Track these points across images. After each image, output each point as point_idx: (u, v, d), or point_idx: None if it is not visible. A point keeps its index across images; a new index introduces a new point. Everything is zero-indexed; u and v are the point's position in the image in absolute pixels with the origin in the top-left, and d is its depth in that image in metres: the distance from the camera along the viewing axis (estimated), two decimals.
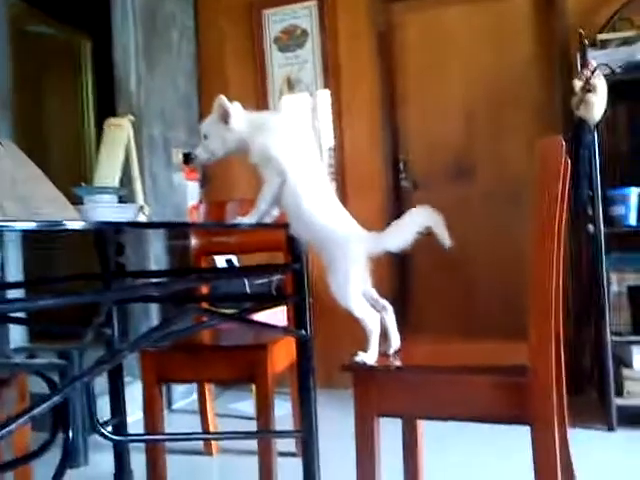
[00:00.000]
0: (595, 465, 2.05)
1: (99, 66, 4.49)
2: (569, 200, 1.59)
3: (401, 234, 1.45)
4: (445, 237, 1.41)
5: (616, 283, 2.63)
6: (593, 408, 2.63)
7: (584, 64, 2.50)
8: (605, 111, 2.44)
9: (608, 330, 2.49)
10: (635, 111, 2.84)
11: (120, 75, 3.08)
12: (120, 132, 1.89)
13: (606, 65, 2.54)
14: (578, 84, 2.45)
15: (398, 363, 1.49)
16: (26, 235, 3.15)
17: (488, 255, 3.10)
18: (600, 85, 2.41)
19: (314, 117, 3.39)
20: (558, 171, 1.29)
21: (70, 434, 1.40)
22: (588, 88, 2.42)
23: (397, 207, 3.26)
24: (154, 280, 2.16)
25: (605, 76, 2.45)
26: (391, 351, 1.51)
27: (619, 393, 2.52)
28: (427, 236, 1.42)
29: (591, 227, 2.56)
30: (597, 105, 2.41)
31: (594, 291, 2.63)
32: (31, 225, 1.06)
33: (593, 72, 2.42)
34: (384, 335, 1.51)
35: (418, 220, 1.44)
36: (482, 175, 3.20)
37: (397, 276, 3.23)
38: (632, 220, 2.56)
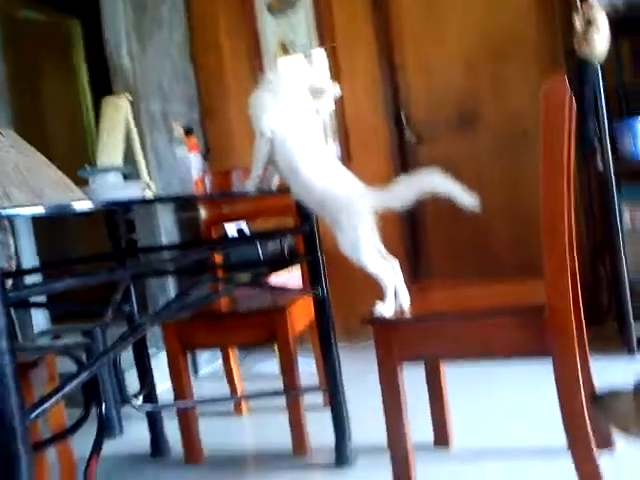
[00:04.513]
0: None
1: (91, 47, 4.44)
2: (576, 139, 1.57)
3: (404, 192, 1.44)
4: (466, 199, 1.38)
5: (629, 218, 2.61)
6: (613, 337, 2.64)
7: (583, 0, 2.43)
8: (608, 48, 2.38)
9: (624, 265, 2.48)
10: (638, 46, 2.77)
11: (112, 54, 3.05)
12: (118, 111, 1.89)
13: (607, 0, 2.47)
14: (578, 21, 2.39)
15: (416, 313, 1.51)
16: (37, 221, 3.18)
17: (499, 200, 3.08)
18: (601, 21, 2.35)
19: (311, 77, 3.34)
20: (563, 107, 1.29)
21: (103, 408, 1.44)
22: (588, 25, 2.36)
23: (403, 163, 3.23)
24: (167, 254, 2.18)
25: (607, 13, 2.38)
26: (401, 308, 1.51)
27: (638, 318, 2.51)
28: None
29: (600, 164, 2.53)
30: (599, 42, 2.36)
31: (607, 227, 2.61)
32: (40, 210, 1.07)
33: (593, 8, 2.36)
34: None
35: (426, 183, 1.41)
36: (487, 122, 3.16)
37: (407, 228, 3.23)
38: None
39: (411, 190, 1.42)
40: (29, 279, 2.49)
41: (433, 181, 1.40)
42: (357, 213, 1.46)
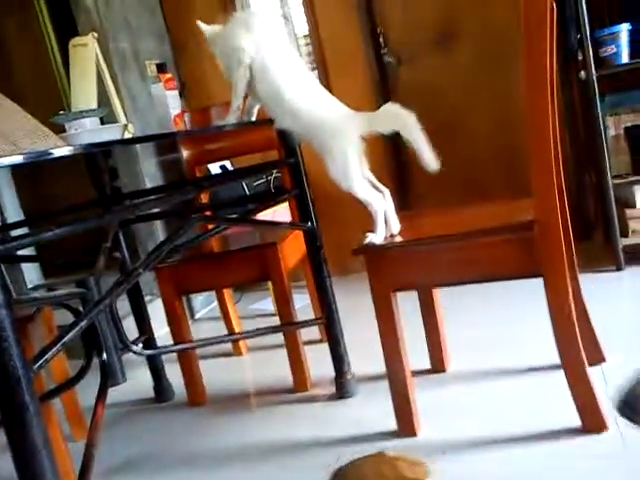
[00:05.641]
0: (608, 305, 2.11)
1: None
2: (558, 48, 1.54)
3: (391, 119, 1.42)
4: (429, 157, 1.36)
5: (613, 126, 2.61)
6: (600, 252, 2.68)
7: None
8: None
9: (609, 174, 2.49)
10: None
11: None
12: (87, 51, 1.81)
13: None
14: None
15: (407, 239, 1.51)
16: (17, 176, 3.11)
17: (483, 119, 3.04)
18: None
19: (283, 4, 3.23)
20: (544, 17, 1.25)
21: (104, 356, 1.45)
22: None
23: (384, 85, 3.16)
24: (153, 196, 2.15)
25: None
26: (391, 236, 1.51)
27: (624, 234, 2.56)
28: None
29: (583, 73, 2.48)
30: None
31: (591, 138, 2.60)
32: (18, 159, 1.03)
33: None
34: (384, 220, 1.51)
35: (404, 126, 1.39)
36: (467, 38, 3.07)
37: (393, 160, 3.19)
38: (624, 58, 2.49)
39: (394, 123, 1.40)
40: (15, 234, 2.45)
41: (410, 129, 1.38)
42: (346, 137, 1.44)
